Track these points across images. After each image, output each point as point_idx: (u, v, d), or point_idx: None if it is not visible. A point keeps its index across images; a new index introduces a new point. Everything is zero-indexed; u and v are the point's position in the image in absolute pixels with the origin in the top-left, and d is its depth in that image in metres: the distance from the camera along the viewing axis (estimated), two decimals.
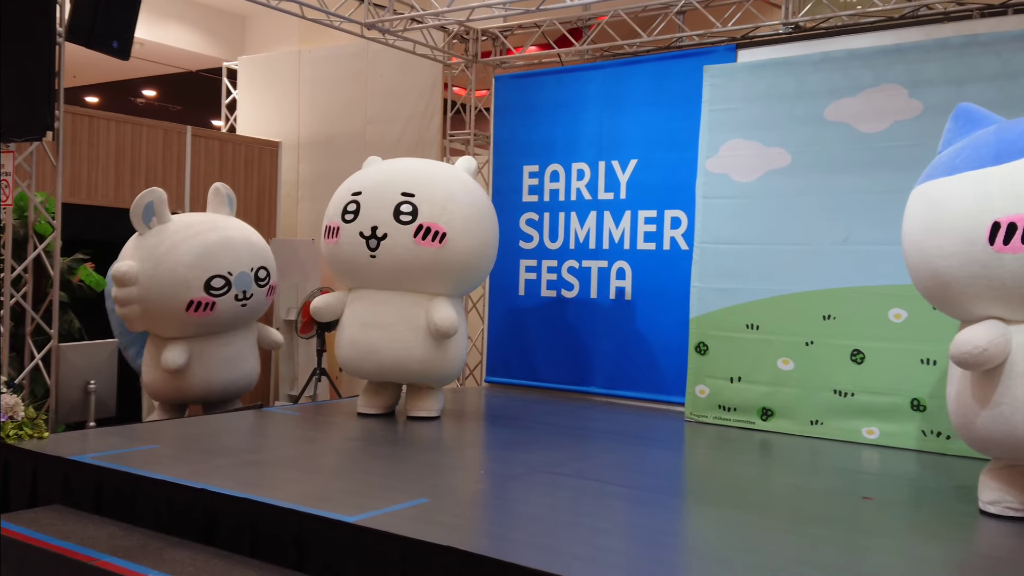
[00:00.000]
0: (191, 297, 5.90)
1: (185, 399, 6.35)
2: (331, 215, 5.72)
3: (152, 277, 5.89)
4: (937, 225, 3.80)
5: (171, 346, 6.03)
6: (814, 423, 5.72)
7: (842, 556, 3.32)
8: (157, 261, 5.92)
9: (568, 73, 7.31)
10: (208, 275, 5.97)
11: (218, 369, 6.24)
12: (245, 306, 6.19)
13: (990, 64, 5.17)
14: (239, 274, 6.09)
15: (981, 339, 3.59)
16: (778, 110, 5.93)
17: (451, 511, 3.73)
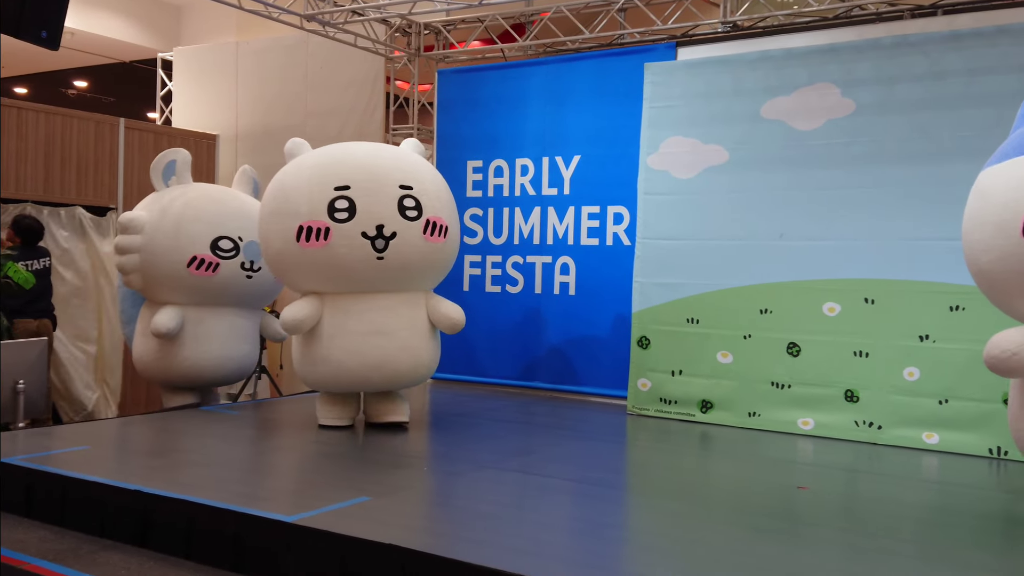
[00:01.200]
0: (195, 252, 5.70)
1: (172, 376, 6.04)
2: (307, 213, 4.92)
3: (159, 227, 5.71)
4: (980, 216, 3.48)
5: (164, 309, 5.80)
6: (752, 415, 5.83)
7: (778, 546, 3.39)
8: (168, 212, 5.77)
9: (511, 68, 7.31)
10: (217, 233, 5.79)
11: (211, 345, 5.96)
12: (251, 278, 5.95)
13: (919, 64, 5.33)
14: (250, 242, 5.84)
15: (1012, 342, 3.31)
16: (716, 108, 6.02)
17: (393, 509, 3.71)
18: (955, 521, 3.84)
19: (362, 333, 5.05)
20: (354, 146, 5.42)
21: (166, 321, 5.69)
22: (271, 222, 5.12)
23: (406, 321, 5.15)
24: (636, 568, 3.20)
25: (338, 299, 5.08)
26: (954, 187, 5.16)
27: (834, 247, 5.59)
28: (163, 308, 5.81)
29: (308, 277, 5.11)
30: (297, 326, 5.05)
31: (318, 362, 5.13)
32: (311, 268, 5.02)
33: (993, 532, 3.75)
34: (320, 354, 5.10)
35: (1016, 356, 3.28)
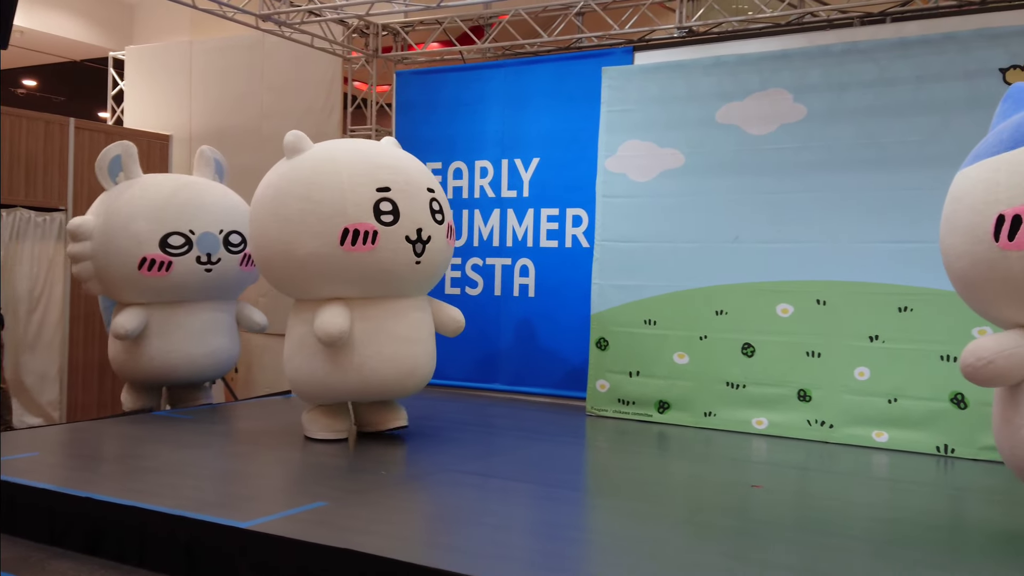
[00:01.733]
0: (144, 254, 5.51)
1: (145, 376, 5.93)
2: (353, 215, 4.67)
3: (107, 231, 5.53)
4: (953, 220, 3.39)
5: (125, 310, 5.65)
6: (708, 414, 5.91)
7: (732, 543, 3.44)
8: (114, 214, 5.57)
9: (470, 71, 7.31)
10: (166, 231, 5.57)
11: (180, 343, 5.81)
12: (210, 271, 5.75)
13: (869, 71, 5.45)
14: (203, 234, 5.67)
15: (988, 350, 3.17)
16: (672, 112, 6.09)
17: (351, 513, 3.69)
18: (904, 518, 3.93)
19: (397, 339, 4.90)
20: (370, 144, 5.25)
21: (124, 323, 5.59)
22: (298, 222, 4.69)
23: (426, 326, 5.11)
24: (593, 568, 3.23)
25: (368, 305, 4.85)
26: (902, 192, 5.31)
27: (787, 250, 5.69)
28: (124, 309, 5.70)
29: (343, 282, 4.79)
30: (341, 336, 4.69)
31: (349, 371, 4.82)
32: (352, 272, 4.74)
33: (940, 529, 3.85)
34: (353, 363, 4.81)
35: (992, 364, 3.15)
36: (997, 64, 5.06)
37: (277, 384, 7.79)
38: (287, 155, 4.95)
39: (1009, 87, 3.54)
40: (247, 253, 5.93)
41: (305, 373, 4.95)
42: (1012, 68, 5.03)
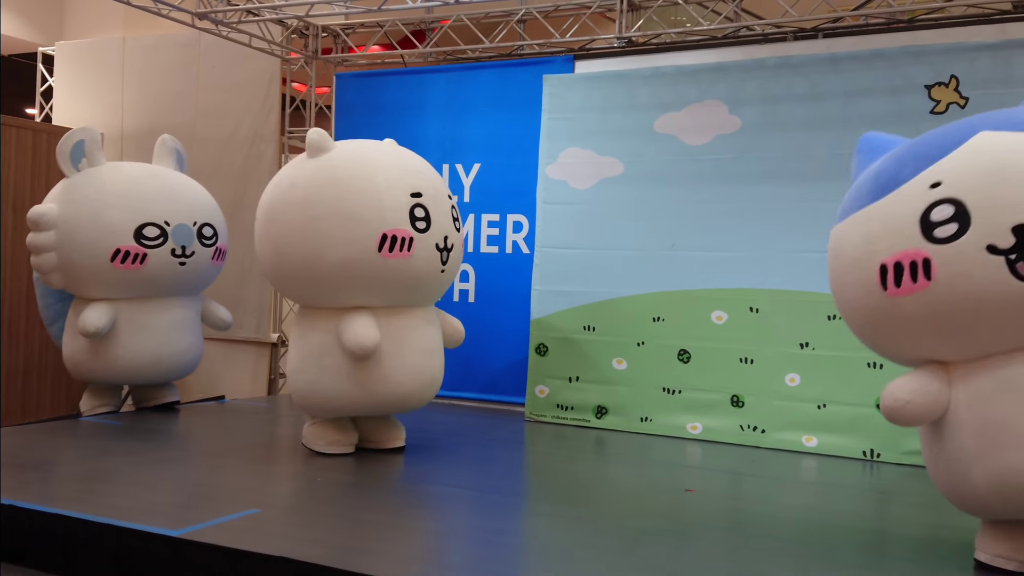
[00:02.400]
0: (119, 245, 5.22)
1: (110, 376, 5.67)
2: (392, 221, 4.47)
3: (74, 221, 5.20)
4: (840, 277, 3.41)
5: (93, 306, 5.33)
6: (644, 420, 5.99)
7: (666, 546, 3.50)
8: (81, 202, 5.25)
9: (411, 75, 7.30)
10: (141, 221, 5.29)
11: (149, 341, 5.55)
12: (184, 264, 5.51)
13: (801, 85, 5.61)
14: (178, 226, 5.42)
15: (904, 391, 3.16)
16: (611, 121, 6.17)
17: (284, 520, 3.64)
18: (832, 521, 4.04)
19: (419, 351, 4.73)
20: (394, 147, 4.93)
21: (95, 320, 5.25)
22: (332, 225, 4.41)
23: (439, 336, 4.98)
24: (527, 572, 3.24)
25: (392, 315, 4.64)
26: (831, 203, 5.39)
27: (722, 258, 5.81)
28: (91, 305, 5.36)
29: (375, 290, 4.58)
30: (375, 348, 4.47)
31: (374, 384, 4.58)
32: (388, 280, 4.51)
33: (865, 531, 3.97)
34: (379, 375, 4.59)
35: (910, 405, 3.14)
36: (923, 81, 5.26)
37: (211, 388, 7.63)
38: (310, 154, 4.63)
39: (860, 139, 3.56)
40: (219, 247, 5.79)
41: (323, 385, 4.64)
42: (936, 85, 5.24)
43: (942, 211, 2.99)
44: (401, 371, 4.64)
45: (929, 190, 3.05)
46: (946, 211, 2.98)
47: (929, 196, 3.03)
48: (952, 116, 5.15)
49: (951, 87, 5.18)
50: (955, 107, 5.17)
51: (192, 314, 5.86)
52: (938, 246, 2.98)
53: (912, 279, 3.02)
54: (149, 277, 5.42)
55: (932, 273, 2.98)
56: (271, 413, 6.42)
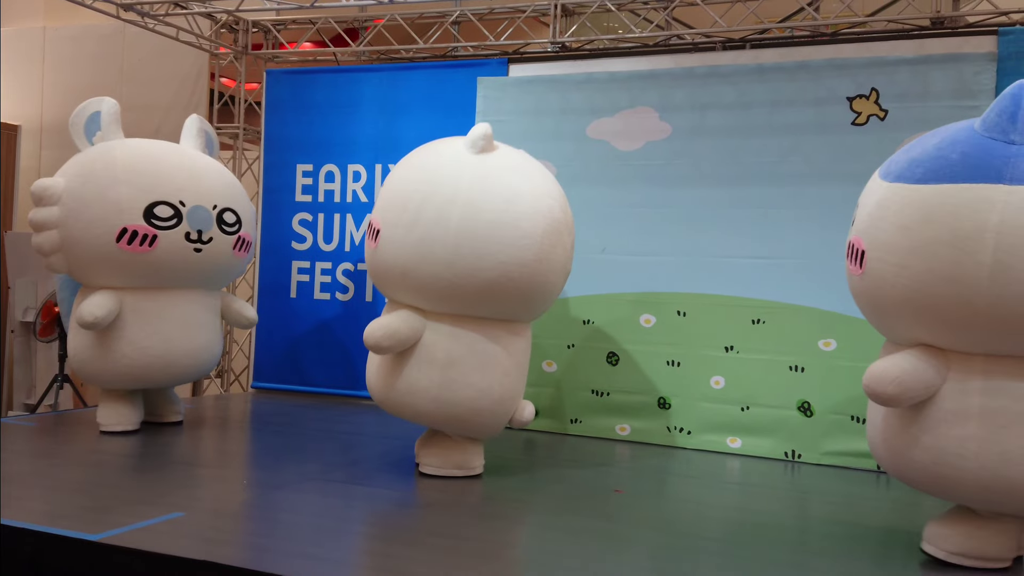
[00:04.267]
0: (125, 223, 4.71)
1: (115, 378, 5.03)
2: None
3: (80, 196, 4.73)
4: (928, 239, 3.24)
5: (94, 294, 4.81)
6: (574, 421, 6.05)
7: (594, 546, 3.54)
8: (88, 176, 4.79)
9: (344, 73, 7.21)
10: (152, 199, 4.77)
11: (156, 337, 4.97)
12: (200, 251, 4.95)
13: (728, 93, 5.74)
14: (194, 207, 4.89)
15: (898, 372, 3.21)
16: (545, 125, 6.21)
17: (209, 524, 3.56)
18: (754, 520, 4.16)
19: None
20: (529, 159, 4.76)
21: (92, 309, 4.72)
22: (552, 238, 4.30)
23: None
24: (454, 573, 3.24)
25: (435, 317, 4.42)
26: (758, 208, 5.62)
27: (651, 262, 5.90)
28: (93, 293, 4.86)
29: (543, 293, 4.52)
30: (405, 341, 4.34)
31: (487, 396, 4.38)
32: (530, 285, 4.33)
33: (786, 529, 4.09)
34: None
35: (910, 390, 3.19)
36: (845, 93, 5.44)
37: None
38: (475, 149, 4.39)
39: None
40: (242, 236, 5.23)
41: (392, 387, 4.58)
42: (858, 97, 5.43)
43: None
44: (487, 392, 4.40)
45: None
46: None
47: None
48: (872, 128, 5.35)
49: (872, 99, 5.38)
50: (875, 119, 5.36)
51: (209, 310, 5.29)
52: None
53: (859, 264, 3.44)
54: (159, 263, 4.86)
55: None
56: (196, 414, 6.26)
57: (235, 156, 7.75)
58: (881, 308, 3.39)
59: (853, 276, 3.49)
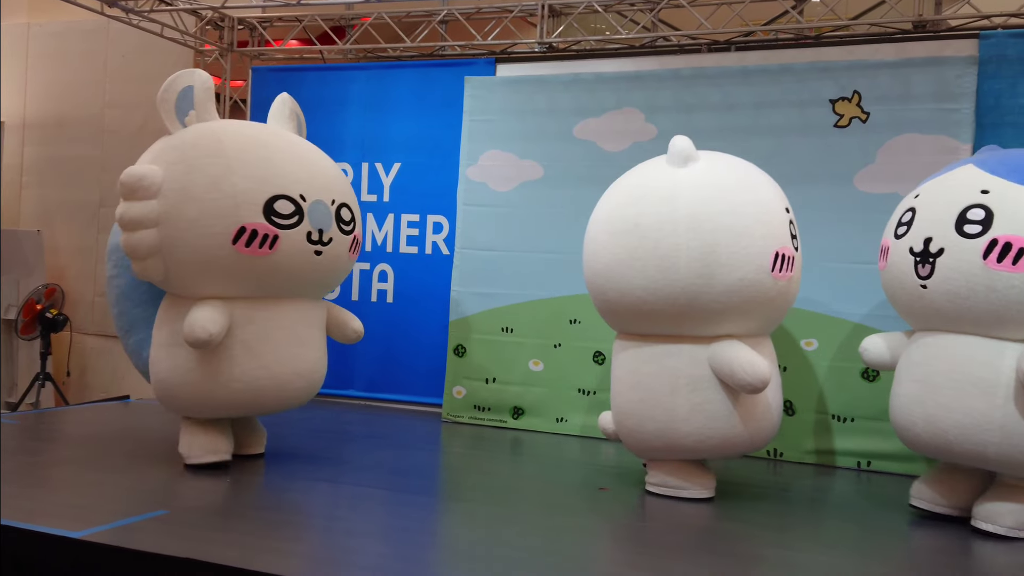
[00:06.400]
0: (244, 222, 3.99)
1: (218, 406, 4.31)
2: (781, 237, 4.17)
3: (183, 188, 3.98)
4: None
5: (200, 306, 4.04)
6: (560, 420, 6.07)
7: (579, 543, 3.56)
8: (194, 164, 4.02)
9: (331, 71, 7.20)
10: (272, 192, 4.06)
11: (271, 356, 4.24)
12: (320, 254, 4.24)
13: (714, 95, 5.78)
14: (315, 203, 4.19)
15: None
16: (532, 125, 6.23)
17: (194, 522, 3.55)
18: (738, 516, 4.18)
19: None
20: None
21: (206, 324, 3.97)
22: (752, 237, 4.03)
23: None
24: (442, 571, 3.25)
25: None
26: None
27: None
28: (198, 305, 4.07)
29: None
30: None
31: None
32: (775, 303, 4.21)
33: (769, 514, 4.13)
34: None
35: None
36: (827, 95, 5.49)
37: (115, 388, 7.38)
38: (676, 162, 4.32)
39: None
40: (356, 236, 4.56)
41: (700, 424, 4.22)
42: (840, 99, 5.48)
43: (906, 215, 3.99)
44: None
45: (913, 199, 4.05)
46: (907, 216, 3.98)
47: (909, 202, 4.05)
48: (855, 130, 5.41)
49: (854, 102, 5.43)
50: (857, 121, 5.42)
51: (318, 321, 4.57)
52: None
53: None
54: (279, 267, 4.15)
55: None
56: None
57: None
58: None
59: (1014, 276, 3.53)
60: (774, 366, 4.34)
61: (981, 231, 3.58)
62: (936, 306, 3.74)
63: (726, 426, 4.09)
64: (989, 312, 3.57)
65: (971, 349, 3.66)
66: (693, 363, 4.09)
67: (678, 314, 4.06)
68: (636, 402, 4.26)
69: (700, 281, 3.95)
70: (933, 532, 3.95)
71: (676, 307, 4.02)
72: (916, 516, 4.13)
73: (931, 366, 3.81)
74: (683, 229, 3.99)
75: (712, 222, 3.98)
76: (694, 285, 3.96)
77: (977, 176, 3.77)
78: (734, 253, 3.94)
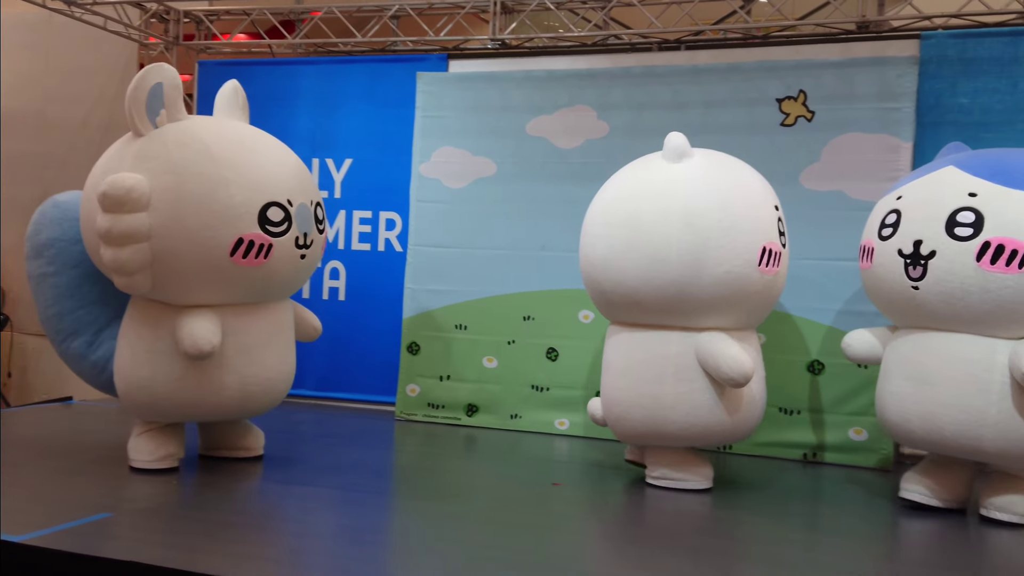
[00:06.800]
0: (241, 233, 3.87)
1: (212, 410, 4.25)
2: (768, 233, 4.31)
3: (176, 199, 3.77)
4: None
5: (196, 317, 3.93)
6: (514, 417, 6.08)
7: (533, 539, 3.57)
8: (182, 173, 3.79)
9: (280, 65, 7.11)
10: (265, 200, 3.94)
11: (262, 361, 4.22)
12: (304, 257, 4.21)
13: (664, 93, 5.83)
14: (300, 206, 4.11)
15: None
16: (485, 121, 6.22)
17: (138, 524, 3.48)
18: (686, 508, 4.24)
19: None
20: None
21: (208, 335, 3.90)
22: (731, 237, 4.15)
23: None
24: (394, 570, 3.23)
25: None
26: None
27: None
28: (192, 316, 3.96)
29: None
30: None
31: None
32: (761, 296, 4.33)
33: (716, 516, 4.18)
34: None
35: None
36: (774, 94, 5.58)
37: (56, 389, 7.19)
38: (671, 158, 4.46)
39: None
40: (327, 233, 4.59)
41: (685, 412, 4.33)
42: (787, 99, 5.57)
43: (890, 217, 4.06)
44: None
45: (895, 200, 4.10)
46: (892, 218, 4.04)
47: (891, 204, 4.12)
48: (800, 129, 5.50)
49: (800, 101, 5.52)
50: (803, 120, 5.51)
51: (291, 322, 4.54)
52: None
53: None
54: (271, 275, 4.10)
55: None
56: (124, 414, 6.10)
57: None
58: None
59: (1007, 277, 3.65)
60: (759, 360, 4.45)
61: (973, 234, 3.69)
62: (930, 307, 3.84)
63: (709, 416, 4.22)
64: (983, 312, 3.70)
65: (965, 347, 3.79)
66: (681, 353, 4.24)
67: (669, 305, 4.22)
68: (624, 389, 4.41)
69: (689, 272, 4.10)
70: (932, 523, 4.06)
71: (666, 298, 4.19)
72: (907, 507, 4.23)
73: (924, 364, 3.91)
74: (675, 222, 4.14)
75: (703, 216, 4.13)
76: (683, 276, 4.11)
77: (962, 178, 3.88)
78: (722, 246, 4.09)
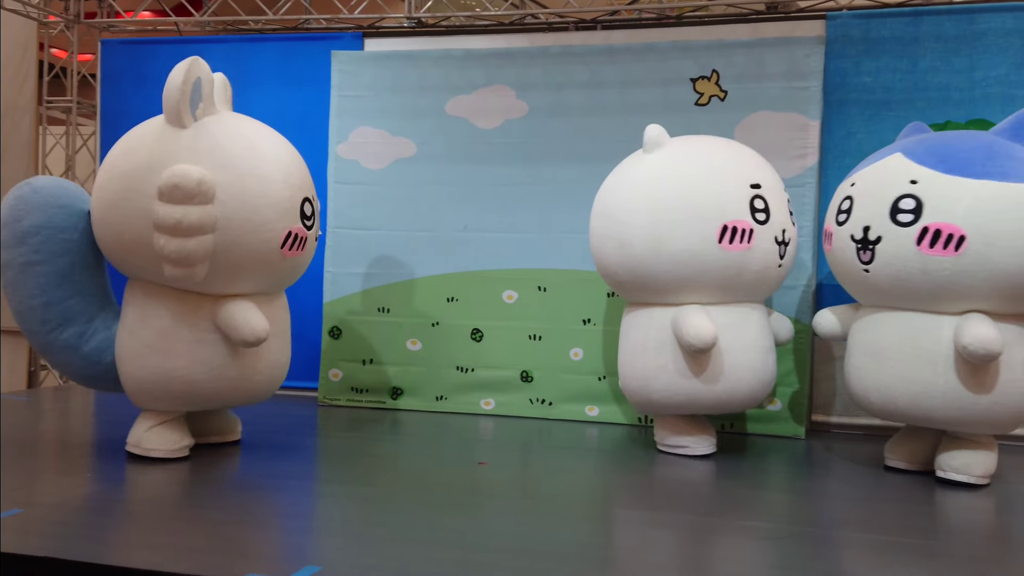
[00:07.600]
0: (290, 227, 4.07)
1: (241, 396, 4.38)
2: (732, 213, 4.46)
3: (239, 193, 3.88)
4: None
5: (245, 305, 4.07)
6: (439, 398, 6.08)
7: (459, 518, 3.58)
8: (239, 167, 3.92)
9: (187, 44, 6.86)
10: (303, 195, 4.19)
11: (278, 346, 4.44)
12: (312, 249, 4.53)
13: (581, 73, 5.87)
14: (315, 199, 4.42)
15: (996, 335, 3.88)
16: (403, 101, 6.16)
17: (51, 519, 3.36)
18: (610, 481, 4.32)
19: (751, 347, 4.62)
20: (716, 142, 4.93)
21: (264, 323, 4.08)
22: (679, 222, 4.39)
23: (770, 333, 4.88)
24: (317, 554, 3.20)
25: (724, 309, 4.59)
26: None
27: (512, 239, 5.99)
28: (239, 305, 4.08)
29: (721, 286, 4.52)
30: (715, 342, 4.39)
31: (714, 380, 4.50)
32: (726, 272, 4.44)
33: (638, 487, 4.28)
34: (718, 371, 4.52)
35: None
36: (688, 74, 5.68)
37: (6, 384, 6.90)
38: (648, 148, 4.77)
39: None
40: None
41: (666, 382, 4.56)
42: (700, 78, 5.68)
43: (845, 203, 4.31)
44: (740, 368, 4.55)
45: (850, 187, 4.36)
46: (846, 204, 4.29)
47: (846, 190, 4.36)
48: (714, 108, 5.62)
49: (713, 81, 5.64)
50: (716, 100, 5.64)
51: (288, 310, 4.76)
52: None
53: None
54: (297, 267, 4.38)
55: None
56: (34, 408, 5.86)
57: (68, 132, 7.26)
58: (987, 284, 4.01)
59: (944, 259, 3.88)
60: (755, 332, 4.64)
61: (913, 220, 3.98)
62: (880, 288, 4.18)
63: (689, 386, 4.51)
64: (926, 291, 4.01)
65: (913, 324, 4.12)
66: (659, 327, 4.57)
67: (641, 285, 4.62)
68: (622, 361, 4.91)
69: (650, 254, 4.46)
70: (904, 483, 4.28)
71: (638, 279, 4.60)
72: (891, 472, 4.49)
73: (880, 340, 4.25)
74: (640, 208, 4.52)
75: (663, 199, 4.48)
76: (645, 256, 4.48)
77: (905, 166, 4.14)
78: (679, 225, 4.39)
